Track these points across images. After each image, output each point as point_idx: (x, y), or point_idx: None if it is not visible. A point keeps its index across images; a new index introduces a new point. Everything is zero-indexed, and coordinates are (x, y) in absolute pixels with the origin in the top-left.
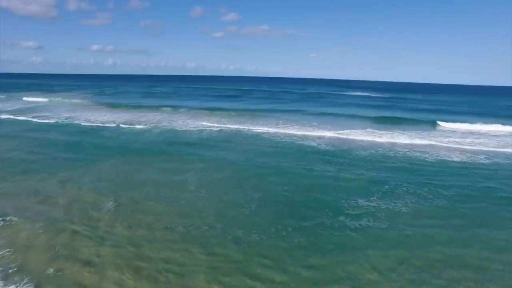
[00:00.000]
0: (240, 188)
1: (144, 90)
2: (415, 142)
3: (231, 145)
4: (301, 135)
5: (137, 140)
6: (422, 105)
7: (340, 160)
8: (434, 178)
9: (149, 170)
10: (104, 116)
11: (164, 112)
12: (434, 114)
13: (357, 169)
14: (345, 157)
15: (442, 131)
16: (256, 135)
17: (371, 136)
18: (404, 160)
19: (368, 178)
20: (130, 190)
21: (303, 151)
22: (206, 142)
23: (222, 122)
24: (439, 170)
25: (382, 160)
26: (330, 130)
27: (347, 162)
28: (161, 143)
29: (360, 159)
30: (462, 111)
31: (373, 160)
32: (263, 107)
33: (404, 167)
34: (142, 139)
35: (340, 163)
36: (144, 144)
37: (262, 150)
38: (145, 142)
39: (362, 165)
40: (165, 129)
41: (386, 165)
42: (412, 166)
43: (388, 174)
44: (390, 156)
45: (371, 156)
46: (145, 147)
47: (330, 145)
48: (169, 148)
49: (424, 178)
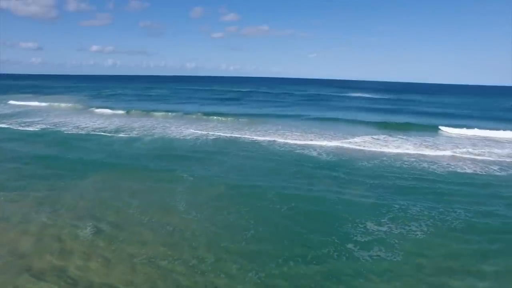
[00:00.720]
0: (234, 210)
1: (142, 92)
2: (423, 152)
3: (226, 157)
4: (302, 145)
5: (125, 151)
6: (425, 108)
7: (343, 174)
8: (448, 194)
9: (135, 187)
10: (95, 122)
11: (158, 117)
12: (439, 118)
13: (362, 185)
14: (349, 170)
15: (449, 137)
16: (253, 144)
17: (376, 145)
18: (413, 173)
19: (375, 196)
20: (112, 213)
21: (303, 164)
22: (199, 154)
23: (218, 128)
24: (453, 184)
25: (388, 173)
26: (332, 138)
27: (351, 177)
28: (151, 155)
29: (366, 173)
30: (466, 114)
31: (379, 174)
32: (262, 111)
33: (414, 182)
34: (131, 149)
35: (344, 178)
36: (132, 156)
37: (260, 163)
38: (133, 153)
39: (368, 180)
40: (157, 137)
41: (394, 179)
42: (422, 180)
43: (396, 190)
44: (397, 168)
45: (376, 168)
46: (133, 159)
47: (332, 155)
48: (159, 161)
49: (437, 195)
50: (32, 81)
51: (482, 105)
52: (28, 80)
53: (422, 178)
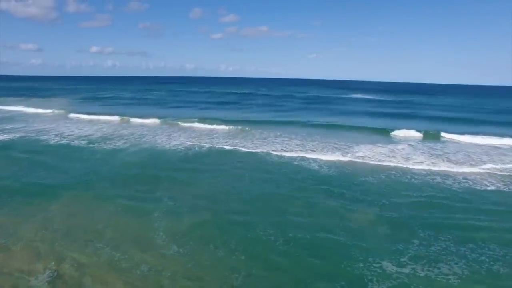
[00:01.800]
0: (222, 244)
1: (139, 94)
2: (433, 168)
3: (217, 174)
4: (302, 158)
5: (104, 166)
6: (428, 111)
7: (349, 194)
8: (473, 220)
9: (108, 214)
10: (81, 129)
11: (150, 124)
12: (445, 123)
13: (371, 207)
14: (354, 188)
15: (458, 144)
16: (248, 156)
17: (382, 156)
18: (427, 190)
19: (389, 223)
20: (78, 248)
21: (303, 181)
22: (187, 170)
23: (212, 137)
24: (476, 206)
25: (400, 192)
26: (335, 148)
27: (358, 196)
28: (131, 172)
29: (374, 191)
30: (472, 118)
31: (390, 193)
32: (261, 117)
33: (431, 204)
34: (111, 164)
35: (349, 198)
36: (111, 174)
37: (254, 181)
38: (113, 169)
39: (377, 201)
40: (144, 147)
41: (408, 200)
42: (439, 200)
43: (413, 215)
44: (409, 186)
45: (385, 186)
46: (110, 178)
47: (335, 169)
48: (141, 179)
49: (460, 222)
50: (29, 83)
51: (484, 107)
52: (26, 82)
53: (440, 197)
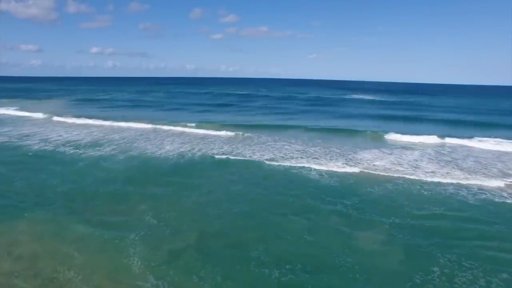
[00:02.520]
0: (208, 276)
1: (137, 95)
2: (446, 180)
3: (207, 186)
4: (302, 167)
5: (86, 177)
6: (432, 113)
7: (355, 211)
8: (499, 239)
9: (80, 235)
10: (70, 133)
11: (144, 128)
12: (451, 127)
13: (380, 227)
14: (360, 203)
15: (467, 149)
16: (245, 165)
17: (389, 164)
18: (441, 205)
19: (402, 247)
20: (43, 283)
21: (303, 196)
22: (175, 182)
23: (207, 142)
24: (500, 224)
25: (411, 208)
26: (338, 155)
27: (365, 215)
28: (115, 183)
29: (382, 207)
30: (478, 120)
31: (401, 209)
32: (260, 120)
33: (448, 221)
34: (94, 174)
35: (355, 216)
36: (91, 186)
37: (248, 195)
38: (94, 181)
39: (386, 219)
40: (133, 155)
41: (420, 217)
42: (457, 217)
43: (428, 234)
44: (419, 199)
45: (395, 201)
46: (91, 190)
47: (338, 180)
48: (122, 192)
49: (486, 244)
50: (27, 84)
51: (488, 107)
52: (24, 83)
53: (460, 217)
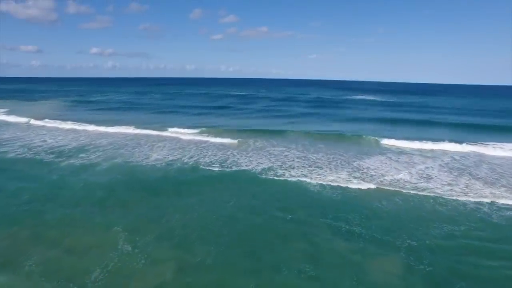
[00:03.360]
0: None
1: (133, 97)
2: (466, 197)
3: (194, 202)
4: (305, 176)
5: (60, 190)
6: (438, 115)
7: (365, 230)
8: None
9: (41, 263)
10: (55, 138)
11: (134, 133)
12: (462, 130)
13: (397, 253)
14: (372, 223)
15: (481, 156)
16: (239, 176)
17: (398, 174)
18: (461, 225)
19: (424, 280)
20: None
21: (304, 212)
22: (160, 195)
23: (201, 148)
24: None
25: (428, 228)
26: (344, 162)
27: (377, 236)
28: (92, 197)
29: (398, 229)
30: (487, 123)
31: (416, 231)
32: (259, 124)
33: (472, 246)
34: (70, 185)
35: (367, 237)
36: (62, 203)
37: (240, 211)
38: (68, 195)
39: (401, 242)
40: (118, 163)
41: (439, 240)
42: (483, 241)
43: (451, 262)
44: (436, 218)
45: (409, 219)
46: (61, 205)
47: (345, 195)
48: (98, 209)
49: None
50: (26, 85)
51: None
52: (21, 84)
53: (487, 240)
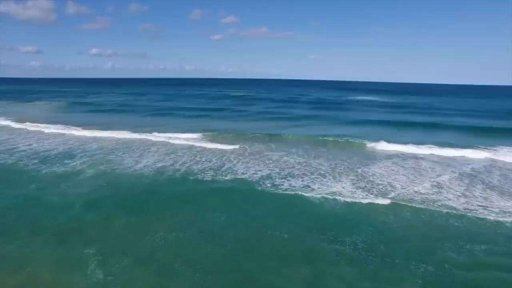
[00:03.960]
0: None
1: (131, 98)
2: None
3: (182, 217)
4: (307, 186)
5: (37, 203)
6: (444, 117)
7: (377, 255)
8: None
9: None
10: (42, 142)
11: (126, 137)
12: (472, 133)
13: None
14: (386, 246)
15: (491, 162)
16: (234, 185)
17: (411, 184)
18: (484, 243)
19: None
20: None
21: (305, 231)
22: (145, 208)
23: (194, 152)
24: None
25: (446, 249)
26: (348, 170)
27: (393, 262)
28: (70, 212)
29: (415, 254)
30: (497, 126)
31: (440, 258)
32: (259, 128)
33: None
34: (50, 198)
35: (383, 266)
36: (39, 216)
37: (231, 229)
38: (47, 207)
39: (426, 274)
40: (103, 170)
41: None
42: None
43: None
44: (453, 237)
45: (429, 243)
46: (34, 220)
47: (351, 209)
48: (70, 226)
49: None
50: (24, 86)
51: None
52: (20, 85)
53: None
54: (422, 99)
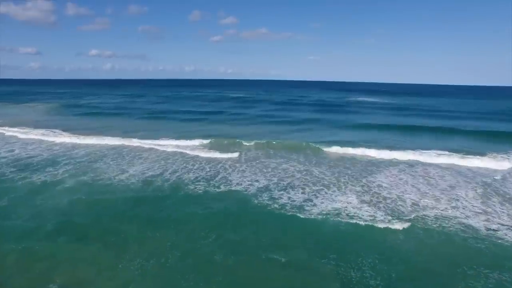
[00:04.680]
0: None
1: (127, 100)
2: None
3: (168, 238)
4: (308, 200)
5: (6, 219)
6: (451, 120)
7: None
8: None
9: None
10: (25, 148)
11: (114, 143)
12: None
13: None
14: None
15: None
16: (229, 199)
17: (427, 198)
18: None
19: None
20: None
21: (306, 255)
22: (126, 226)
23: (186, 159)
24: None
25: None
26: (353, 180)
27: None
28: (40, 231)
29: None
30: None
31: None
32: (258, 133)
33: None
34: (23, 212)
35: None
36: (4, 236)
37: (226, 256)
38: (17, 225)
39: None
40: (85, 180)
41: None
42: None
43: None
44: (475, 260)
45: (445, 264)
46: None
47: (359, 230)
48: (40, 249)
49: None
50: (21, 87)
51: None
52: (17, 86)
53: None
54: (423, 100)
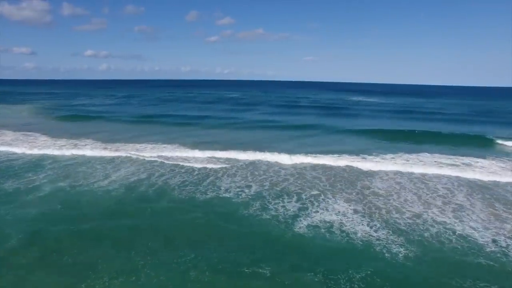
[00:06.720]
0: None
1: (120, 101)
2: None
3: (140, 263)
4: (307, 215)
5: None
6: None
7: None
8: None
9: None
10: (5, 151)
11: (102, 148)
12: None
13: None
14: None
15: None
16: (222, 209)
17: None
18: None
19: None
20: None
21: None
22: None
23: (171, 170)
24: None
25: None
26: (355, 189)
27: None
28: (3, 246)
29: None
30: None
31: None
32: (253, 137)
33: None
34: None
35: None
36: None
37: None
38: None
39: None
40: (63, 186)
41: None
42: None
43: None
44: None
45: None
46: None
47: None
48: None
49: None
50: (11, 87)
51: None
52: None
53: None
54: (424, 101)
